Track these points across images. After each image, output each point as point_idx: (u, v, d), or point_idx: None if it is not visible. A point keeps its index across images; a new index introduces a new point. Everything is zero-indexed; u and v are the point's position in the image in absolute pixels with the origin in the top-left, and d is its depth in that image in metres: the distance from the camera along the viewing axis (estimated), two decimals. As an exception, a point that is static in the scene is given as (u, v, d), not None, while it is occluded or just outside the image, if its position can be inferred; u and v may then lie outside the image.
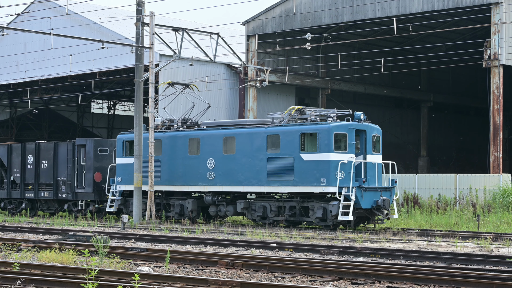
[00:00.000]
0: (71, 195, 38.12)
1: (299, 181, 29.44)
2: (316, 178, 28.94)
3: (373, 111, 58.74)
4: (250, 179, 30.95)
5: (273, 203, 30.66)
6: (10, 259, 18.27)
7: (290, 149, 29.76)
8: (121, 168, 35.29)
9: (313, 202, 29.47)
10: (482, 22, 40.50)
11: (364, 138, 29.75)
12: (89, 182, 37.37)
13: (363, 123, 29.74)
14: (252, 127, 31.31)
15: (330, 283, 14.85)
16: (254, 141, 30.89)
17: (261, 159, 30.65)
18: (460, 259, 18.38)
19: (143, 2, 33.80)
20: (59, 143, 39.42)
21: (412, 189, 38.19)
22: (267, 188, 30.60)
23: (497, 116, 37.41)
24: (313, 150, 29.30)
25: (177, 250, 19.90)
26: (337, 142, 28.89)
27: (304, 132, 29.51)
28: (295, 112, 30.60)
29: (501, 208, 34.14)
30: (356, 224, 29.68)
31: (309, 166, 29.16)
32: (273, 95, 48.41)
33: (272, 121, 31.35)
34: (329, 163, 28.64)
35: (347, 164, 28.63)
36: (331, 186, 28.56)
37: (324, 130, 28.90)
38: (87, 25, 48.05)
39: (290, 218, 30.15)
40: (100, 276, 14.44)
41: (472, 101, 61.87)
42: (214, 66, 44.32)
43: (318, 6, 43.06)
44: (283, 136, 30.00)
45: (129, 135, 35.26)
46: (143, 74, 34.01)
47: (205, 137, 32.59)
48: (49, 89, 55.28)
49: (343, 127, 29.05)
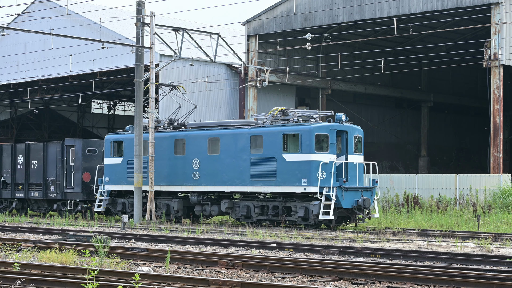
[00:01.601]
0: (60, 195, 38.63)
1: (281, 181, 29.95)
2: (298, 178, 29.44)
3: (373, 111, 58.79)
4: (234, 179, 31.41)
5: (257, 203, 31.13)
6: (11, 259, 18.28)
7: (272, 149, 30.27)
8: (109, 168, 35.75)
9: (295, 201, 29.97)
10: (483, 22, 40.51)
11: (345, 139, 30.27)
12: (78, 182, 37.88)
13: (345, 124, 30.26)
14: (236, 128, 31.78)
15: (330, 283, 14.85)
16: (238, 141, 31.36)
17: (244, 160, 31.11)
18: (460, 259, 18.38)
19: (143, 2, 33.79)
20: (49, 144, 39.93)
21: (412, 189, 38.19)
22: (250, 188, 31.07)
23: (497, 116, 37.41)
24: (295, 150, 29.80)
25: (177, 250, 19.90)
26: (319, 142, 29.44)
27: (286, 133, 30.02)
28: (278, 113, 31.09)
29: (501, 208, 34.14)
30: (338, 223, 30.17)
31: (291, 167, 29.66)
32: (274, 95, 48.41)
33: (256, 122, 31.76)
34: (311, 164, 29.17)
35: (328, 164, 29.16)
36: (312, 186, 29.07)
37: (306, 131, 29.41)
38: (87, 25, 48.06)
39: (273, 218, 30.64)
40: (101, 276, 14.44)
41: (472, 101, 61.86)
42: (214, 66, 44.33)
43: (318, 6, 43.06)
44: (266, 137, 30.50)
45: (117, 136, 35.83)
46: (143, 74, 34.00)
47: (190, 137, 33.07)
48: (49, 89, 55.30)
49: (324, 128, 29.58)
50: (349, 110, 55.85)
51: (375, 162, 31.59)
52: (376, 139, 58.89)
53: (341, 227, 30.38)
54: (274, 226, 30.62)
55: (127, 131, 35.93)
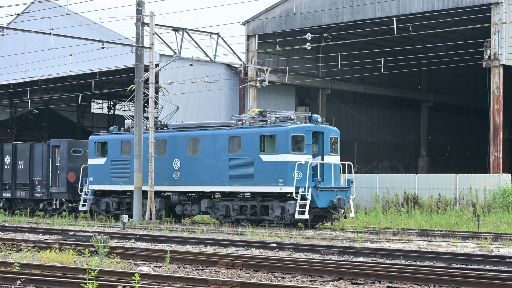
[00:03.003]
0: (46, 194, 39.26)
1: (258, 181, 30.58)
2: (275, 178, 30.06)
3: (373, 111, 58.78)
4: (213, 179, 32.03)
5: (235, 202, 31.75)
6: (10, 259, 18.27)
7: (250, 150, 30.89)
8: (93, 169, 36.44)
9: (273, 201, 30.57)
10: (482, 22, 40.50)
11: (322, 139, 30.91)
12: (63, 182, 38.53)
13: (321, 125, 30.81)
14: (215, 129, 32.41)
15: (330, 283, 14.85)
16: (217, 142, 32.00)
17: (223, 160, 31.73)
18: (460, 259, 18.38)
19: (143, 2, 33.79)
20: (35, 144, 40.58)
21: (412, 189, 38.19)
22: (229, 188, 31.68)
23: (497, 116, 37.41)
24: (272, 151, 30.43)
25: (177, 250, 19.90)
26: (295, 143, 30.06)
27: (264, 134, 30.68)
28: (256, 114, 31.76)
29: (501, 208, 34.13)
30: (314, 222, 30.78)
31: (268, 167, 30.30)
32: (273, 95, 48.41)
33: (236, 123, 32.35)
34: (287, 164, 29.76)
35: (304, 164, 29.70)
36: (288, 186, 29.67)
37: (282, 132, 29.98)
38: (87, 25, 48.04)
39: (251, 217, 31.19)
40: (100, 276, 14.44)
41: (472, 101, 61.84)
42: (214, 66, 44.32)
43: (318, 6, 43.05)
44: (244, 137, 31.10)
45: (101, 137, 36.61)
46: (143, 74, 34.01)
47: (171, 138, 33.66)
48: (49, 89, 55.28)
49: (300, 129, 30.16)
50: (349, 110, 55.89)
51: (351, 163, 32.38)
52: (376, 139, 58.90)
53: (317, 226, 31.00)
54: (253, 225, 31.17)
55: (111, 132, 36.72)
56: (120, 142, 35.58)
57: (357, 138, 57.29)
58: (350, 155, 56.79)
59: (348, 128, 56.39)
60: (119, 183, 35.51)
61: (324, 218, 30.88)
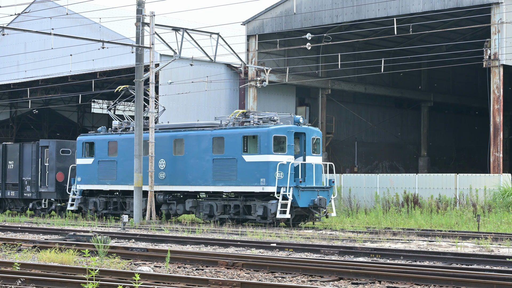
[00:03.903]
0: (35, 194, 39.77)
1: (241, 181, 31.08)
2: (257, 178, 30.56)
3: (373, 111, 58.78)
4: (198, 179, 32.57)
5: (219, 202, 32.19)
6: (11, 259, 18.27)
7: (233, 150, 31.39)
8: (80, 169, 37.06)
9: (255, 201, 31.02)
10: (482, 22, 40.49)
11: (303, 140, 31.37)
12: (52, 181, 39.03)
13: (303, 126, 31.30)
14: (200, 130, 32.89)
15: (330, 283, 14.85)
16: (201, 143, 32.50)
17: (207, 160, 32.24)
18: (460, 259, 18.38)
19: (143, 2, 33.78)
20: (25, 145, 41.08)
21: (412, 189, 38.18)
22: (212, 188, 32.19)
23: (497, 116, 37.41)
24: (254, 151, 30.94)
25: (177, 250, 19.90)
26: (277, 144, 30.55)
27: (246, 135, 31.20)
28: (240, 115, 32.29)
29: (501, 208, 34.12)
30: (297, 222, 31.30)
31: (251, 167, 30.79)
32: (274, 95, 48.41)
33: (220, 124, 32.73)
34: (268, 164, 30.26)
35: (285, 165, 30.19)
36: (270, 186, 30.19)
37: (264, 133, 30.49)
38: (87, 25, 48.04)
39: (234, 216, 31.67)
40: (100, 276, 14.44)
41: (472, 101, 61.85)
42: (214, 66, 44.32)
43: (318, 6, 43.04)
44: (227, 138, 31.60)
45: (88, 137, 37.18)
46: (143, 74, 34.01)
47: (156, 139, 34.03)
48: (49, 89, 55.28)
49: (282, 130, 30.65)
50: (349, 110, 55.89)
51: (332, 163, 33.06)
52: (376, 139, 58.89)
53: (300, 225, 31.48)
54: (237, 224, 31.68)
55: (99, 132, 37.28)
56: (107, 143, 36.17)
57: (357, 138, 57.29)
58: (350, 155, 56.83)
59: (348, 128, 56.41)
60: (106, 183, 36.09)
61: (306, 217, 31.36)
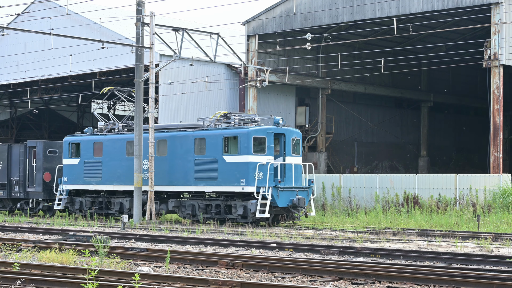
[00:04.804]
0: (23, 194, 40.48)
1: (222, 181, 31.71)
2: (237, 178, 31.18)
3: (373, 111, 58.78)
4: (180, 180, 33.21)
5: (201, 202, 32.79)
6: (10, 259, 18.28)
7: (214, 151, 32.03)
8: (67, 169, 37.81)
9: (236, 200, 31.66)
10: (482, 22, 40.49)
11: (283, 141, 31.98)
12: (39, 181, 39.74)
13: (283, 127, 31.95)
14: (182, 131, 33.49)
15: (330, 283, 14.85)
16: (184, 144, 33.11)
17: (189, 161, 32.84)
18: (460, 259, 18.38)
19: (143, 2, 33.78)
20: (13, 145, 41.75)
21: (412, 189, 38.18)
22: (194, 188, 32.84)
23: (497, 116, 37.40)
24: (235, 152, 31.53)
25: (177, 250, 19.90)
26: (256, 145, 31.17)
27: (227, 136, 31.80)
28: (221, 116, 32.95)
29: (501, 208, 34.12)
30: (277, 221, 31.78)
31: (231, 168, 31.40)
32: (273, 95, 48.40)
33: (202, 125, 33.27)
34: (248, 165, 30.90)
35: (265, 165, 30.80)
36: (250, 186, 30.81)
37: (244, 134, 31.14)
38: (87, 25, 48.03)
39: (215, 216, 32.19)
40: (100, 276, 14.44)
41: (472, 101, 61.85)
42: (214, 66, 44.31)
43: (318, 6, 43.04)
44: (209, 139, 32.23)
45: (75, 138, 37.82)
46: (143, 74, 34.00)
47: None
48: (49, 89, 55.26)
49: (261, 131, 31.28)
50: (349, 110, 55.88)
51: (311, 163, 33.74)
52: (376, 139, 58.89)
53: (279, 225, 31.90)
54: (219, 223, 32.16)
55: (85, 133, 37.96)
56: (93, 143, 36.81)
57: (357, 138, 57.29)
58: (350, 155, 56.83)
59: (348, 128, 56.41)
60: (91, 183, 36.73)
61: (285, 217, 31.83)
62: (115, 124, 37.30)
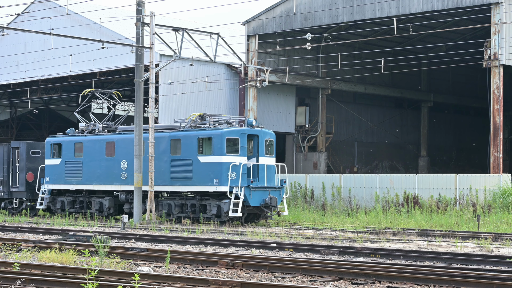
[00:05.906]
0: (6, 193, 41.24)
1: (197, 181, 32.48)
2: (211, 178, 31.93)
3: (373, 111, 58.77)
4: (157, 180, 33.63)
5: (177, 201, 33.49)
6: (10, 259, 18.28)
7: (189, 152, 32.72)
8: (49, 169, 38.52)
9: (210, 200, 32.41)
10: (482, 22, 40.49)
11: (257, 142, 32.77)
12: (22, 181, 40.58)
13: (256, 128, 32.66)
14: (159, 132, 34.07)
15: (330, 283, 14.85)
16: (160, 144, 33.75)
17: (165, 161, 33.60)
18: (460, 259, 18.39)
19: (143, 2, 33.77)
20: None
21: (412, 189, 38.18)
22: (170, 188, 33.63)
23: (497, 116, 37.40)
24: (209, 153, 32.27)
25: (177, 250, 19.90)
26: (230, 146, 31.89)
27: (201, 137, 32.60)
28: (197, 117, 33.64)
29: (501, 208, 34.12)
30: (250, 220, 32.63)
31: (205, 168, 32.13)
32: (274, 95, 48.39)
33: (179, 126, 33.92)
34: (221, 165, 31.65)
35: (238, 165, 31.50)
36: (223, 186, 31.58)
37: (218, 135, 31.89)
38: (87, 25, 48.03)
39: (191, 215, 32.79)
40: (100, 276, 14.44)
41: (472, 101, 61.85)
42: (214, 66, 44.30)
43: (318, 6, 43.04)
44: (184, 140, 32.95)
45: (56, 139, 38.68)
46: (143, 74, 34.00)
47: (119, 140, 35.62)
48: (49, 89, 55.26)
49: (235, 132, 32.05)
50: (349, 110, 55.88)
51: (284, 164, 34.44)
52: (376, 139, 58.89)
53: (252, 224, 32.51)
54: (193, 222, 32.73)
55: (67, 134, 38.75)
56: (74, 144, 37.47)
57: (357, 138, 57.29)
58: (350, 155, 56.83)
59: (348, 128, 56.40)
60: (72, 183, 37.40)
61: (258, 216, 32.48)
62: (95, 125, 38.02)
